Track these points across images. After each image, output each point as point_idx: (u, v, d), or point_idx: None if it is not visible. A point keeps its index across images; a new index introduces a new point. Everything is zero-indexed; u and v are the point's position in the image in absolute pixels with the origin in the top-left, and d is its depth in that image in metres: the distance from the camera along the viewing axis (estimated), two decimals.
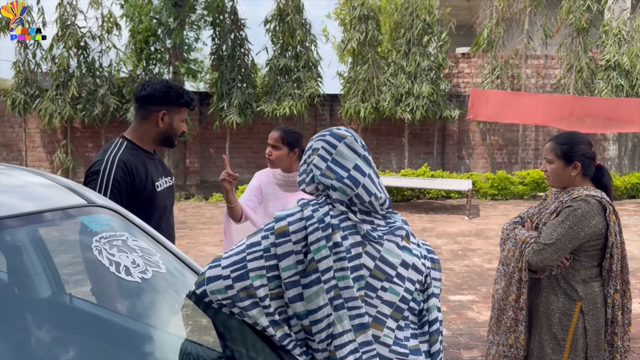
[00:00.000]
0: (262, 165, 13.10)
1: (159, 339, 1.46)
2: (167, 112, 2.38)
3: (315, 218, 1.49)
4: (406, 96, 11.66)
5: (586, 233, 2.26)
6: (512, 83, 12.51)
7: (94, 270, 1.37)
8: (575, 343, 2.31)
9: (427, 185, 10.63)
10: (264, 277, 1.47)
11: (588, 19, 11.82)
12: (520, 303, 2.39)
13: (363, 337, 1.48)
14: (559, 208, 2.35)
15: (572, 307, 2.31)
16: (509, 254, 2.45)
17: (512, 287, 2.42)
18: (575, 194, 2.34)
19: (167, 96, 2.36)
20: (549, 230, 2.30)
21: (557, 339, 2.33)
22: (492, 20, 12.24)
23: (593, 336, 2.31)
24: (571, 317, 2.31)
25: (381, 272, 1.54)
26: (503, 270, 2.49)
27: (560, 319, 2.33)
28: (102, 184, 2.18)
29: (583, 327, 2.31)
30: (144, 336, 1.46)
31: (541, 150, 13.15)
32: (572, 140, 2.41)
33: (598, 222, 2.26)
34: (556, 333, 2.33)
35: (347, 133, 1.63)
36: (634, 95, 11.87)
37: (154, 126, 2.40)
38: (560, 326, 2.33)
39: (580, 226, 2.25)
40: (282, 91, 11.71)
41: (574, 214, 2.26)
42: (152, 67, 11.96)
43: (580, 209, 2.26)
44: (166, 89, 2.36)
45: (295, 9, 11.75)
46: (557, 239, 2.25)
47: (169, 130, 2.42)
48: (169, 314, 1.53)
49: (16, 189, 1.55)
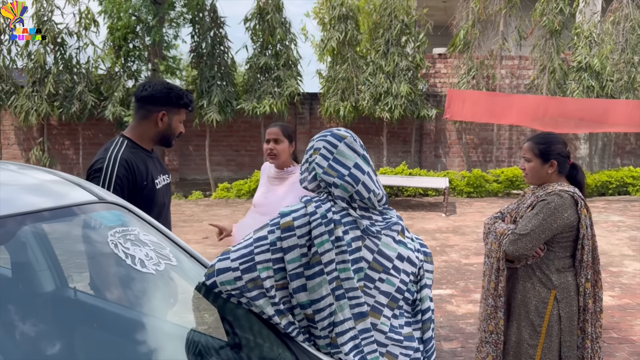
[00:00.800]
0: (241, 163, 13.15)
1: (172, 331, 1.55)
2: (167, 113, 2.45)
3: (319, 214, 1.60)
4: (385, 95, 11.83)
5: (559, 224, 2.42)
6: (488, 83, 12.79)
7: (111, 263, 1.45)
8: (550, 329, 2.47)
9: (406, 183, 10.83)
10: (270, 269, 1.57)
11: (561, 21, 12.15)
12: (499, 290, 2.55)
13: (362, 324, 1.60)
14: (535, 202, 2.52)
15: (547, 295, 2.47)
16: (492, 246, 2.61)
17: (492, 276, 2.58)
18: (549, 189, 2.52)
19: (168, 97, 2.43)
20: (524, 221, 2.47)
21: (533, 325, 2.49)
22: (468, 21, 12.49)
23: (567, 322, 2.47)
24: (546, 304, 2.47)
25: (379, 264, 1.65)
26: (488, 263, 2.64)
27: (537, 306, 2.49)
28: (105, 181, 2.25)
29: (558, 314, 2.47)
30: (157, 326, 1.54)
31: (515, 149, 13.47)
32: (548, 140, 2.59)
33: (570, 215, 2.43)
34: (533, 319, 2.49)
35: (346, 133, 1.74)
36: (604, 96, 12.25)
37: (153, 126, 2.46)
38: (536, 313, 2.49)
39: (554, 218, 2.41)
40: (263, 89, 11.77)
41: (548, 207, 2.43)
42: (130, 64, 11.90)
43: (554, 202, 2.43)
44: (167, 90, 2.43)
45: (275, 8, 11.81)
46: (532, 229, 2.42)
47: (168, 131, 2.49)
48: (182, 304, 1.61)
49: (32, 187, 1.62)
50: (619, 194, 12.25)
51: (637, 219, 9.35)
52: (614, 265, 6.29)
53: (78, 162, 12.49)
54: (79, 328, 1.39)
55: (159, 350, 1.46)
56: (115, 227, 1.55)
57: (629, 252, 7.01)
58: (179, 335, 1.57)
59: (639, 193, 12.12)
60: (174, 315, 1.57)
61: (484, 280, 2.71)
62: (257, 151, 12.94)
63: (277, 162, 3.01)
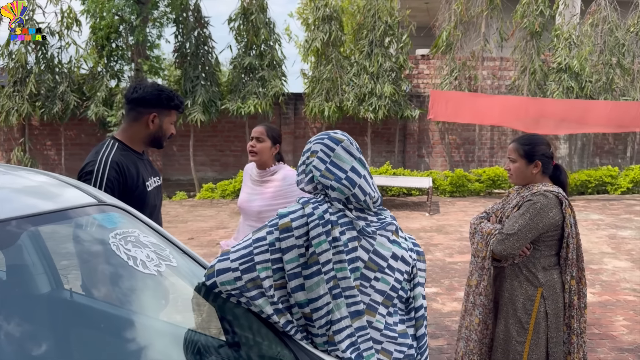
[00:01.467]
0: (226, 163, 13.12)
1: (172, 331, 1.57)
2: (158, 115, 2.46)
3: (316, 215, 1.64)
4: (369, 96, 11.92)
5: (544, 224, 2.49)
6: (470, 84, 12.95)
7: (113, 265, 1.47)
8: (537, 326, 2.54)
9: (390, 183, 10.92)
10: (269, 269, 1.61)
11: (541, 23, 12.35)
12: (480, 289, 2.61)
13: (358, 322, 1.64)
14: (520, 202, 2.59)
15: (534, 292, 2.54)
16: (478, 246, 2.67)
17: (477, 274, 2.64)
18: (534, 189, 2.59)
19: (159, 99, 2.44)
20: (510, 221, 2.53)
21: (521, 323, 2.55)
22: (450, 23, 12.63)
23: (553, 319, 2.55)
24: (533, 302, 2.54)
25: (374, 263, 1.70)
26: (476, 262, 2.69)
27: (524, 303, 2.55)
28: (95, 184, 2.26)
29: (544, 311, 2.54)
30: (158, 327, 1.57)
31: (496, 149, 13.66)
32: (533, 141, 2.66)
33: (555, 215, 2.50)
34: (520, 317, 2.55)
35: (343, 137, 1.79)
36: (583, 96, 12.48)
37: (144, 128, 2.47)
38: (524, 310, 2.55)
39: (539, 218, 2.48)
40: (247, 90, 11.77)
41: (534, 207, 2.49)
42: (113, 64, 11.81)
43: (539, 202, 2.50)
44: (157, 92, 2.44)
45: (259, 8, 11.82)
46: (519, 229, 2.48)
47: (159, 132, 2.50)
48: (182, 305, 1.64)
49: (30, 189, 1.64)
50: (597, 192, 12.50)
51: (615, 218, 9.56)
52: (594, 263, 6.43)
53: (60, 163, 12.36)
54: (84, 331, 1.41)
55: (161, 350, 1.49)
56: (115, 229, 1.58)
57: (608, 249, 7.17)
58: (179, 335, 1.60)
59: (617, 192, 12.38)
60: (174, 316, 1.60)
61: (469, 279, 2.76)
62: (242, 151, 12.93)
63: (256, 160, 3.05)
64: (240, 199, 3.14)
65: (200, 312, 1.69)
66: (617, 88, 12.86)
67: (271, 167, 3.08)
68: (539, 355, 2.55)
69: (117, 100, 11.36)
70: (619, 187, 12.40)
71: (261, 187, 3.08)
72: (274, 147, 3.06)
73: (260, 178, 3.09)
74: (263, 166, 3.08)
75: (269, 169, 3.08)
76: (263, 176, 3.08)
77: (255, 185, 3.12)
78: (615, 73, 12.69)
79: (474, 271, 2.71)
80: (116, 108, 11.35)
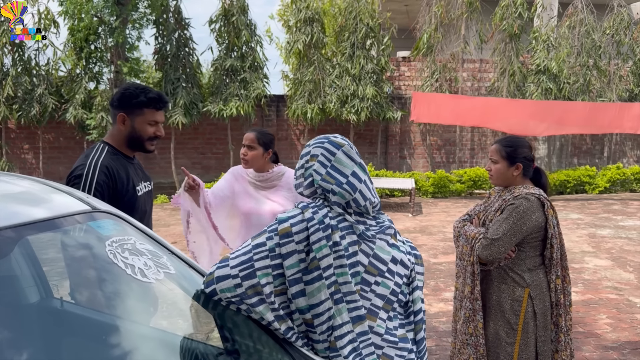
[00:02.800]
0: (207, 166, 13.01)
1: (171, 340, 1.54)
2: (127, 115, 2.37)
3: (316, 220, 1.63)
4: (351, 98, 11.94)
5: (528, 227, 2.51)
6: (450, 86, 13.07)
7: (112, 274, 1.43)
8: (526, 326, 2.56)
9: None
10: (270, 275, 1.59)
11: (520, 25, 12.52)
12: (475, 294, 2.62)
13: (360, 327, 1.63)
14: (503, 206, 2.61)
15: (521, 293, 2.56)
16: (463, 249, 2.69)
17: (467, 279, 2.66)
18: (516, 192, 2.61)
19: (121, 98, 2.36)
20: (495, 226, 2.55)
21: (510, 324, 2.58)
22: (431, 25, 12.72)
23: (541, 318, 2.58)
24: (521, 302, 2.56)
25: (374, 268, 1.69)
26: (461, 265, 2.72)
27: (512, 305, 2.58)
28: (84, 188, 2.21)
29: (532, 310, 2.56)
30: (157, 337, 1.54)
31: (477, 150, 13.79)
32: (515, 143, 2.68)
33: (538, 217, 2.53)
34: (509, 318, 2.58)
35: (344, 141, 1.77)
36: (561, 98, 12.68)
37: (119, 130, 2.41)
38: (512, 312, 2.57)
39: (523, 221, 2.50)
40: (229, 92, 11.70)
41: (517, 211, 2.52)
42: (92, 66, 11.63)
43: (522, 205, 2.52)
44: (121, 91, 2.36)
45: (240, 10, 11.76)
46: (503, 233, 2.51)
47: (133, 133, 2.39)
48: (182, 313, 1.61)
49: (19, 196, 1.59)
50: (576, 192, 12.70)
51: (594, 217, 9.72)
52: (576, 262, 6.53)
53: (38, 167, 12.13)
54: (80, 342, 1.37)
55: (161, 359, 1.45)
56: (110, 236, 1.54)
57: (589, 249, 7.28)
58: (178, 343, 1.57)
59: (595, 191, 12.60)
60: (173, 324, 1.57)
61: (456, 281, 2.79)
62: (224, 154, 12.85)
63: (249, 167, 3.01)
64: (245, 206, 3.02)
65: (199, 320, 1.65)
66: (594, 89, 13.09)
67: (271, 170, 3.03)
68: (528, 355, 2.58)
69: (96, 103, 11.19)
70: (596, 187, 12.62)
71: (266, 192, 3.01)
72: (266, 153, 3.00)
73: (263, 182, 3.02)
74: (260, 170, 3.03)
75: (271, 170, 3.02)
76: (265, 180, 3.02)
77: (258, 190, 3.04)
78: (592, 75, 12.92)
79: (459, 274, 2.73)
80: (95, 111, 11.18)
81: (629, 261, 6.66)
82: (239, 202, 3.06)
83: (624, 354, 4.00)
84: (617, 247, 7.31)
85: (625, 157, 14.35)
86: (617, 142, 14.25)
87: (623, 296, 5.31)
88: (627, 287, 5.61)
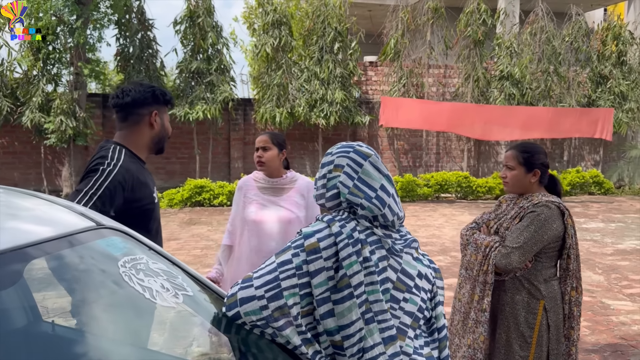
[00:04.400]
0: (170, 171, 12.68)
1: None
2: (158, 112, 2.29)
3: (344, 234, 1.52)
4: (320, 102, 11.87)
5: (549, 236, 2.44)
6: (417, 91, 13.18)
7: (129, 298, 1.28)
8: (540, 339, 2.48)
9: None
10: (297, 295, 1.47)
11: (484, 32, 12.75)
12: (483, 305, 2.51)
13: (392, 349, 1.52)
14: (522, 213, 2.52)
15: (536, 305, 2.48)
16: (472, 258, 2.58)
17: (476, 289, 2.55)
18: (535, 199, 2.53)
19: (154, 95, 2.26)
20: (514, 234, 2.45)
21: (524, 337, 2.48)
22: (398, 31, 12.80)
23: (554, 331, 2.50)
24: (536, 315, 2.48)
25: (402, 283, 1.59)
26: (467, 275, 2.61)
27: (526, 317, 2.49)
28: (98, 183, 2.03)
29: (546, 323, 2.48)
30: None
31: (442, 154, 13.94)
32: (532, 149, 2.61)
33: (558, 226, 2.46)
34: (523, 331, 2.48)
35: (370, 151, 1.66)
36: (524, 103, 12.97)
37: (148, 129, 2.27)
38: (526, 324, 2.48)
39: (544, 230, 2.43)
40: (195, 95, 11.44)
41: (538, 219, 2.43)
42: (50, 67, 11.15)
43: (543, 214, 2.44)
44: (151, 89, 2.27)
45: (206, 11, 11.53)
46: (524, 242, 2.41)
47: (162, 132, 2.33)
48: (203, 339, 1.47)
49: (22, 213, 1.42)
50: None
51: None
52: None
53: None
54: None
55: None
56: (122, 256, 1.39)
57: None
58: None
59: None
60: (194, 350, 1.43)
61: (458, 291, 2.68)
62: (189, 158, 12.55)
63: (266, 170, 2.86)
64: (256, 214, 2.85)
65: (221, 345, 1.52)
66: (554, 95, 13.45)
67: (285, 175, 2.90)
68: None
69: (55, 106, 10.74)
70: None
71: (276, 198, 2.87)
72: (281, 154, 2.88)
73: (275, 188, 2.87)
74: (273, 175, 2.89)
75: (285, 176, 2.89)
76: (278, 185, 2.87)
77: (268, 195, 2.88)
78: (553, 81, 13.27)
79: (463, 284, 2.62)
80: (54, 114, 10.72)
81: (597, 263, 6.81)
82: (247, 210, 2.92)
83: (605, 356, 4.04)
84: (583, 250, 7.47)
85: (583, 160, 14.80)
86: (575, 146, 14.68)
87: (596, 298, 5.40)
88: (598, 289, 5.72)
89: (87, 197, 1.98)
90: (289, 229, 2.78)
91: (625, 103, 13.66)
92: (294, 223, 2.78)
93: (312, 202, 2.84)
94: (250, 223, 2.85)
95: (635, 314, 4.91)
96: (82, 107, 11.06)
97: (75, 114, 10.89)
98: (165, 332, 1.38)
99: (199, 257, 6.95)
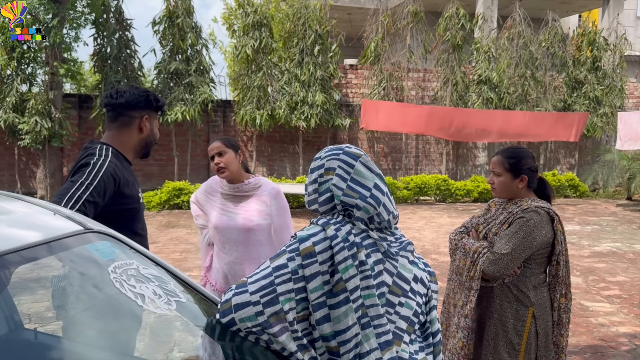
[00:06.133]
0: (148, 173, 12.51)
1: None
2: (149, 117, 2.30)
3: (340, 237, 1.49)
4: (301, 104, 11.83)
5: (538, 242, 2.39)
6: (397, 94, 13.24)
7: (121, 305, 1.24)
8: (528, 346, 2.43)
9: None
10: (293, 300, 1.44)
11: (462, 36, 12.88)
12: (466, 310, 2.47)
13: (389, 354, 1.50)
14: (510, 219, 2.47)
15: (525, 312, 2.43)
16: (461, 263, 2.54)
17: (461, 294, 2.50)
18: (524, 205, 2.47)
19: (147, 100, 2.28)
20: (503, 240, 2.40)
21: (512, 344, 2.43)
22: (378, 34, 12.85)
23: (543, 338, 2.46)
24: (524, 322, 2.43)
25: (398, 287, 1.57)
26: (458, 280, 2.57)
27: (515, 324, 2.44)
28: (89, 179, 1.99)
29: (535, 330, 2.44)
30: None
31: (421, 157, 14.03)
32: (518, 154, 2.55)
33: (547, 232, 2.41)
34: (511, 338, 2.43)
35: (360, 152, 1.64)
36: (501, 107, 13.13)
37: (136, 133, 2.28)
38: (515, 331, 2.43)
39: (533, 236, 2.37)
40: (174, 96, 11.31)
41: (527, 225, 2.38)
42: (24, 67, 10.90)
43: (532, 219, 2.39)
44: (145, 94, 2.28)
45: (185, 12, 11.41)
46: (513, 248, 2.36)
47: (150, 137, 2.34)
48: (196, 347, 1.43)
49: (6, 217, 1.36)
50: None
51: None
52: None
53: None
54: None
55: None
56: (112, 261, 1.34)
57: None
58: None
59: None
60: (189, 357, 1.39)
61: (452, 297, 2.62)
62: (167, 160, 12.39)
63: (227, 175, 2.80)
64: (217, 221, 2.83)
65: (214, 352, 1.48)
66: (531, 99, 13.64)
67: (247, 180, 2.85)
68: None
69: (29, 107, 10.50)
70: None
71: (239, 204, 2.83)
72: (237, 155, 2.85)
73: (238, 194, 2.83)
74: (235, 180, 2.84)
75: (247, 181, 2.84)
76: (241, 191, 2.82)
77: (232, 202, 2.84)
78: (530, 85, 13.46)
79: (457, 289, 2.56)
80: (28, 115, 10.48)
81: (575, 265, 6.91)
82: (210, 215, 2.89)
83: (586, 358, 4.09)
84: None
85: (559, 164, 15.04)
86: (551, 149, 14.91)
87: (575, 300, 5.46)
88: (577, 290, 5.79)
89: (84, 187, 1.96)
90: (250, 237, 2.78)
91: (600, 108, 13.93)
92: (255, 231, 2.78)
93: (278, 208, 2.84)
94: (212, 228, 2.84)
95: (614, 316, 4.99)
96: (58, 107, 10.83)
97: (51, 115, 10.67)
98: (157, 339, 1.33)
99: (179, 261, 6.85)
